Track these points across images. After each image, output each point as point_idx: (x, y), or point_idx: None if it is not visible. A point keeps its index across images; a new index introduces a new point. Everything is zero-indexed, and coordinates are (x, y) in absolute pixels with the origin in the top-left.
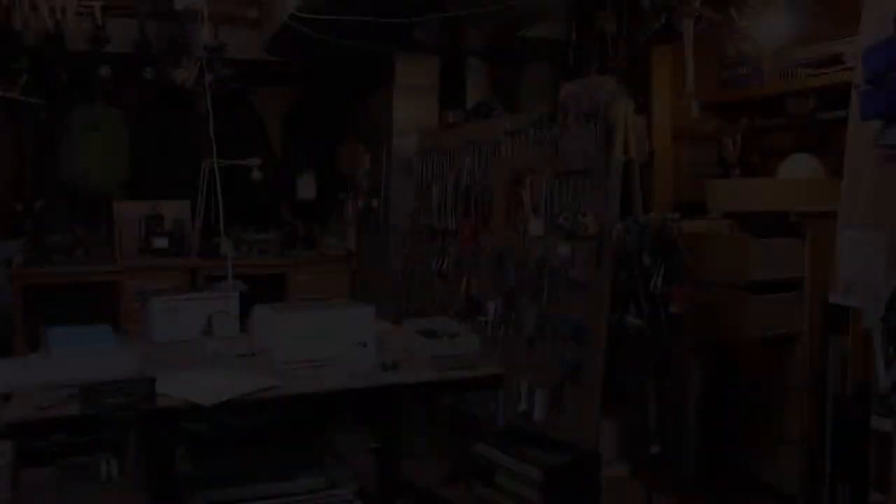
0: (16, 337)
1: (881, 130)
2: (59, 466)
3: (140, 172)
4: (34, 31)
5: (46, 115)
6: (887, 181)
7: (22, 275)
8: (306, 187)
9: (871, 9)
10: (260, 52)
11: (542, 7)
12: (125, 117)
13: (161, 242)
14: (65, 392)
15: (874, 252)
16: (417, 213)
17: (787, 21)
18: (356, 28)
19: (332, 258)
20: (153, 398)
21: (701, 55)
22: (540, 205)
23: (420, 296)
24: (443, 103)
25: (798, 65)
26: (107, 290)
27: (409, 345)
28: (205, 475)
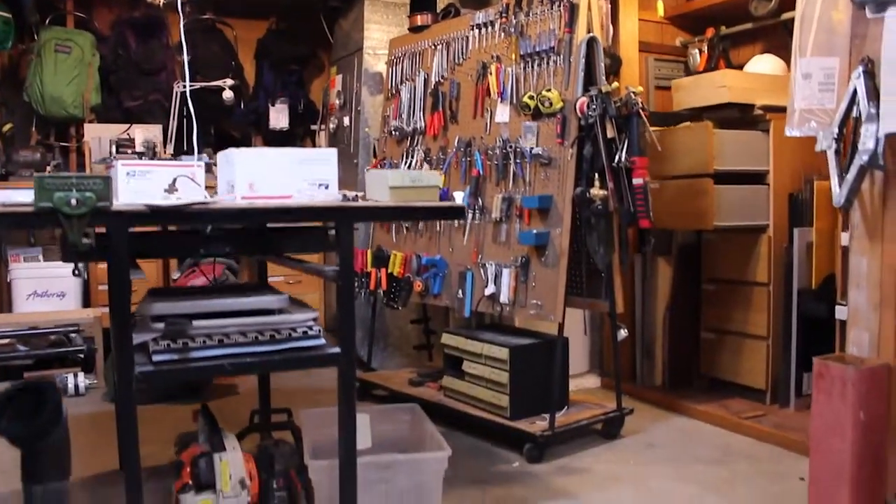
0: None
1: None
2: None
3: (111, 97)
4: None
5: (16, 36)
6: (837, 13)
7: None
8: (279, 117)
9: None
10: None
11: None
12: (97, 42)
13: None
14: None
15: (826, 79)
16: (386, 117)
17: None
18: None
19: None
20: (109, 196)
21: None
22: (506, 91)
23: None
24: None
25: None
26: None
27: (369, 178)
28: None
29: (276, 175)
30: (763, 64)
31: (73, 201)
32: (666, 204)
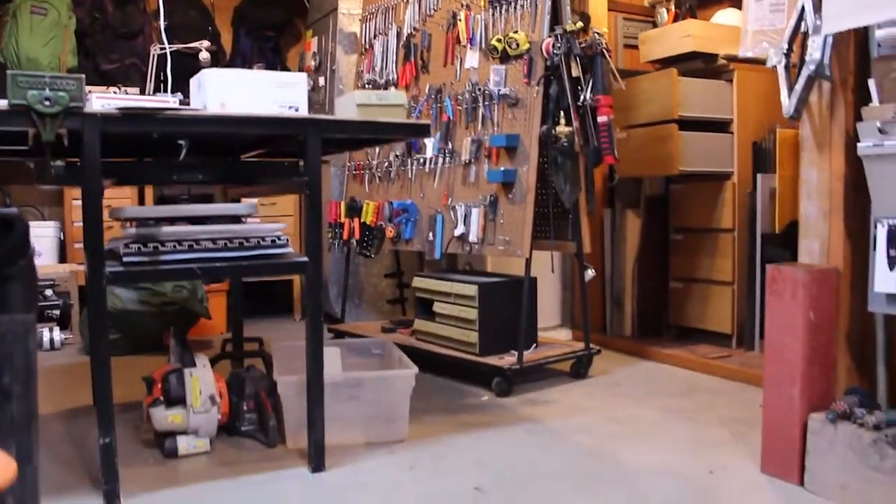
0: None
1: None
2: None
3: (88, 60)
4: None
5: None
6: None
7: None
8: None
9: None
10: None
11: None
12: (73, 5)
13: None
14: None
15: (778, 1)
16: (360, 72)
17: None
18: None
19: None
20: (82, 97)
21: None
22: (475, 37)
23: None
24: None
25: None
26: None
27: (338, 103)
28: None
29: (247, 96)
30: (727, 16)
31: (47, 100)
32: (633, 151)
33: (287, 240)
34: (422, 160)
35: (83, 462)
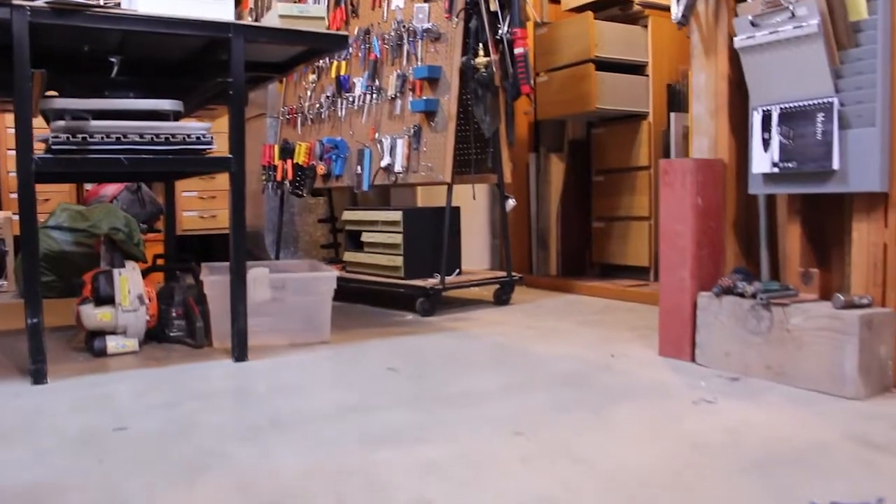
0: None
1: None
2: None
3: None
4: None
5: None
6: None
7: None
8: None
9: None
10: None
11: None
12: None
13: None
14: None
15: None
16: None
17: None
18: None
19: None
20: None
21: None
22: None
23: (293, 92)
24: None
25: None
26: None
27: (264, 19)
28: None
29: (177, 8)
30: None
31: None
32: (554, 93)
33: (212, 138)
34: (351, 98)
35: (11, 361)
